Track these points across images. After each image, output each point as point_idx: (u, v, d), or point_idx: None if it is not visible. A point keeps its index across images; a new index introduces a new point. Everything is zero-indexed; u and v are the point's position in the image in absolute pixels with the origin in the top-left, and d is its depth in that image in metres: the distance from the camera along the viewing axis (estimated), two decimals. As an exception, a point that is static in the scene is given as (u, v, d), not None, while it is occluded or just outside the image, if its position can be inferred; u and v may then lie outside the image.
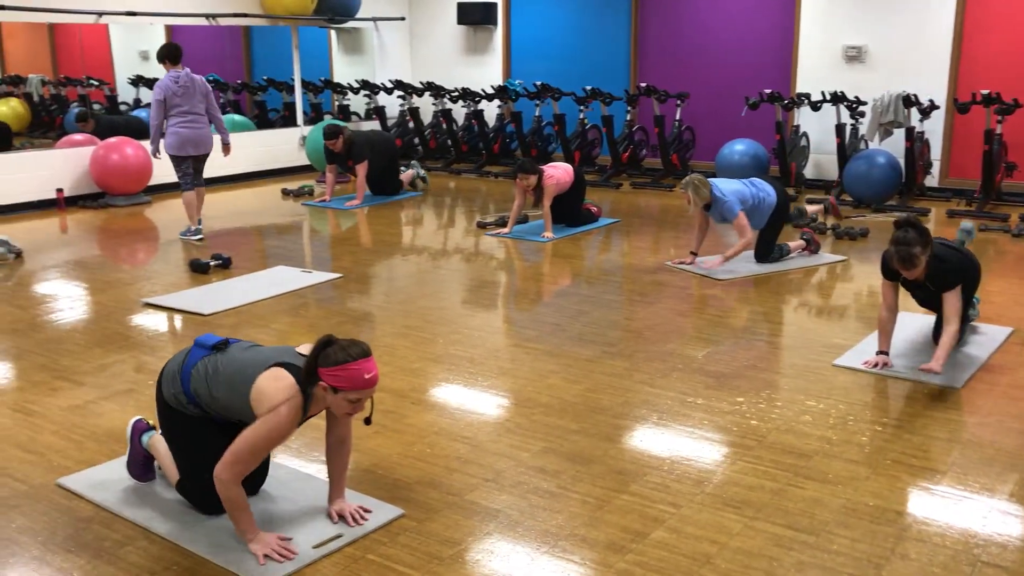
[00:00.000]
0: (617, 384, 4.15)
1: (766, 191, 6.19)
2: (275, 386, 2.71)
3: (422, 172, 9.62)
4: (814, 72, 9.49)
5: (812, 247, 6.46)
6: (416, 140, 11.61)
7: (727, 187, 6.12)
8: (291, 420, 2.71)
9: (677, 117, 10.05)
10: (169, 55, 7.30)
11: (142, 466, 3.20)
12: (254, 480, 3.05)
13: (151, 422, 3.26)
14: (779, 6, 9.80)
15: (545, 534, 2.88)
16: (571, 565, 2.71)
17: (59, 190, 8.70)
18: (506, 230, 7.41)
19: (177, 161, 7.27)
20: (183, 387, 2.89)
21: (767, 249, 6.26)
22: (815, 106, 8.93)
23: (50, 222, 8.15)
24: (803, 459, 3.39)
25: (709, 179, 6.16)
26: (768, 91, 9.05)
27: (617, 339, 4.83)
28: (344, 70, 12.30)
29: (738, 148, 9.19)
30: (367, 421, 2.85)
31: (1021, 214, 7.76)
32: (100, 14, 8.95)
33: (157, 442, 3.15)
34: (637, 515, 3.00)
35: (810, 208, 6.84)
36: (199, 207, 7.41)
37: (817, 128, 9.44)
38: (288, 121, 11.35)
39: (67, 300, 5.70)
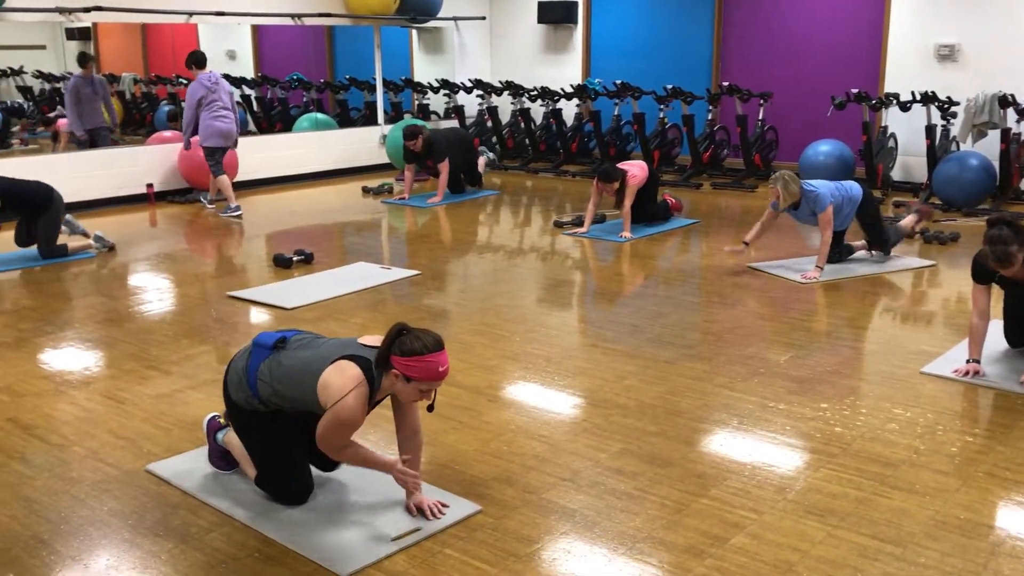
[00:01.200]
0: (696, 387, 4.10)
1: (850, 185, 6.13)
2: (341, 378, 2.76)
3: (491, 155, 9.67)
4: (904, 71, 9.22)
5: (926, 214, 6.50)
6: (494, 139, 11.65)
7: (816, 182, 6.07)
8: (359, 409, 2.76)
9: (760, 117, 9.87)
10: (197, 61, 8.18)
11: (221, 459, 3.29)
12: (297, 494, 3.06)
13: (223, 420, 3.33)
14: (868, 2, 9.55)
15: (622, 536, 2.86)
16: (649, 568, 2.69)
17: (149, 185, 8.97)
18: (583, 229, 7.39)
19: (211, 151, 8.23)
20: (252, 391, 2.95)
21: (883, 241, 6.25)
22: (904, 106, 8.68)
23: (140, 216, 8.42)
24: (889, 468, 3.30)
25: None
26: (855, 90, 8.82)
27: (696, 341, 4.76)
28: (424, 69, 12.42)
29: (823, 149, 8.99)
30: (430, 408, 2.87)
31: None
32: (191, 14, 9.20)
33: (232, 439, 3.23)
34: (717, 520, 2.95)
35: (904, 223, 6.54)
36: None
37: (906, 129, 9.17)
38: (369, 120, 11.52)
39: (156, 292, 5.88)
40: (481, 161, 9.59)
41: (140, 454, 3.47)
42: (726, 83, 9.74)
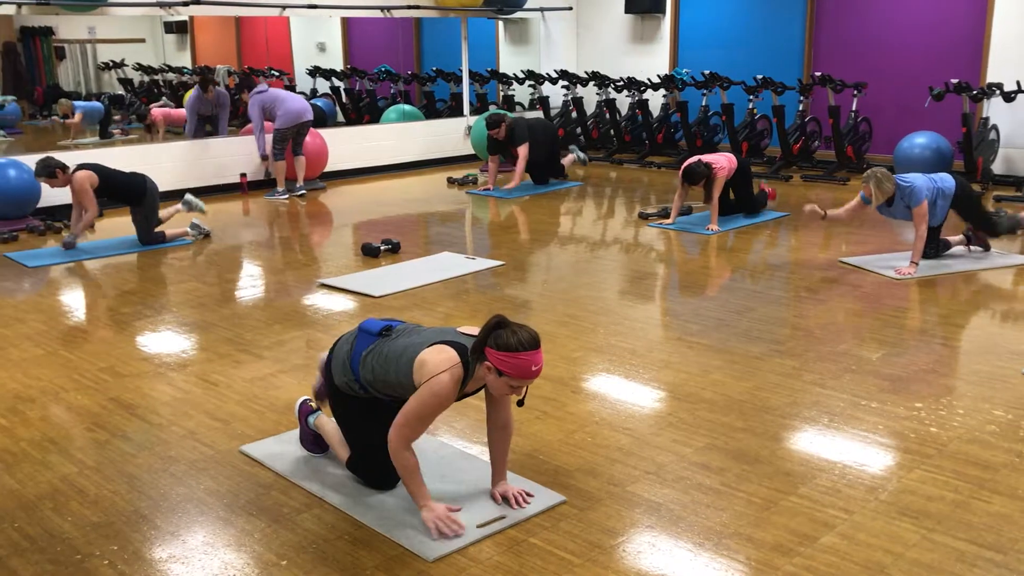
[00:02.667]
0: (785, 383, 4.02)
1: (944, 177, 5.93)
2: (438, 358, 2.78)
3: (582, 155, 9.60)
4: (1008, 60, 8.85)
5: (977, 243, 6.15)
6: (579, 130, 11.61)
7: (910, 176, 5.87)
8: (452, 387, 2.76)
9: (853, 108, 9.61)
10: (248, 84, 9.60)
11: (313, 442, 3.36)
12: (387, 479, 3.10)
13: (314, 404, 3.41)
14: (970, -10, 9.19)
15: (708, 531, 2.83)
16: (735, 564, 2.65)
17: (243, 175, 9.22)
18: (669, 220, 7.31)
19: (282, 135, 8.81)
20: (354, 375, 3.00)
21: (992, 226, 6.07)
22: (1008, 97, 8.34)
23: (234, 205, 8.65)
24: (989, 471, 3.18)
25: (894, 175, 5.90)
26: (955, 80, 8.52)
27: (786, 337, 4.68)
28: (510, 60, 12.44)
29: (919, 141, 8.71)
30: (520, 403, 2.86)
31: None
32: (284, 7, 9.40)
33: (323, 422, 3.30)
34: (806, 518, 2.90)
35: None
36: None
37: (1009, 120, 8.81)
38: (455, 111, 11.60)
39: (249, 279, 6.04)
40: (569, 158, 9.52)
41: (234, 435, 3.58)
42: (818, 73, 9.50)
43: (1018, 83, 8.32)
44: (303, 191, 9.03)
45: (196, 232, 7.07)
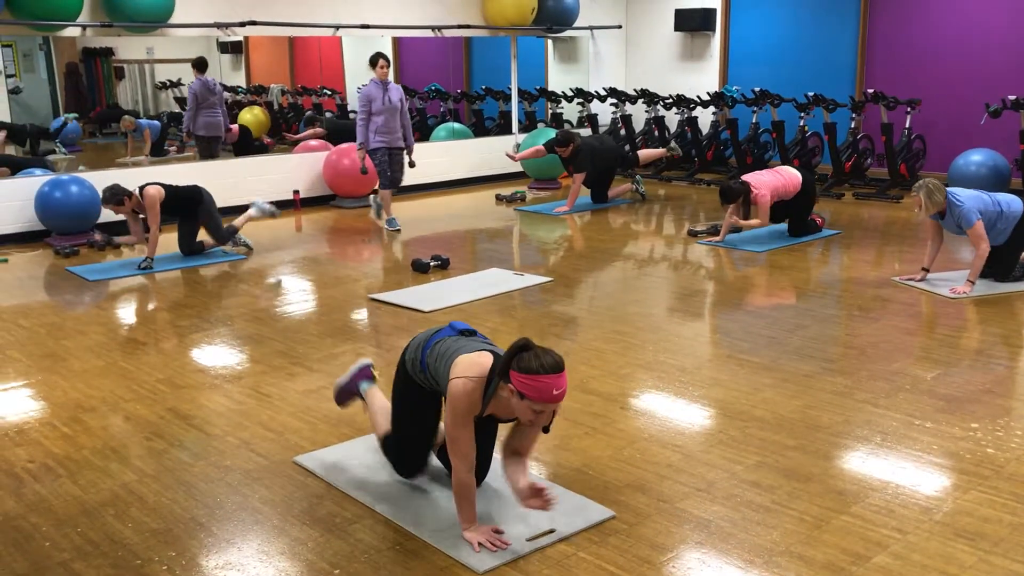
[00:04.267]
0: (837, 402, 3.98)
1: (1009, 199, 5.75)
2: (469, 362, 2.84)
3: (642, 188, 9.52)
4: (1067, 76, 8.69)
5: None
6: (627, 147, 11.62)
7: (964, 194, 5.72)
8: (466, 395, 2.78)
9: (907, 125, 9.49)
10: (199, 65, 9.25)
11: (346, 398, 3.56)
12: (413, 467, 3.25)
13: (377, 374, 3.54)
14: (1027, 5, 9.05)
15: (759, 549, 2.82)
16: (786, 583, 2.64)
17: (295, 192, 9.38)
18: (719, 238, 7.28)
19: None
20: (422, 354, 3.07)
21: (1009, 267, 5.80)
22: (1067, 113, 8.18)
23: (287, 221, 8.80)
24: (1048, 494, 3.12)
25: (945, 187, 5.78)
26: (1012, 97, 8.37)
27: (837, 355, 4.63)
28: (559, 78, 12.50)
29: (975, 159, 8.58)
30: (545, 430, 2.84)
31: None
32: (337, 27, 9.57)
33: (373, 394, 3.44)
34: (858, 537, 2.87)
35: None
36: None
37: (1068, 137, 8.63)
38: (503, 129, 11.67)
39: (302, 293, 6.14)
40: (624, 187, 9.48)
41: (288, 446, 3.65)
42: (871, 90, 9.41)
43: (1078, 99, 8.17)
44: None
45: (232, 242, 7.22)
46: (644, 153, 9.54)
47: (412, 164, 8.26)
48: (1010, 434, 3.61)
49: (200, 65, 9.50)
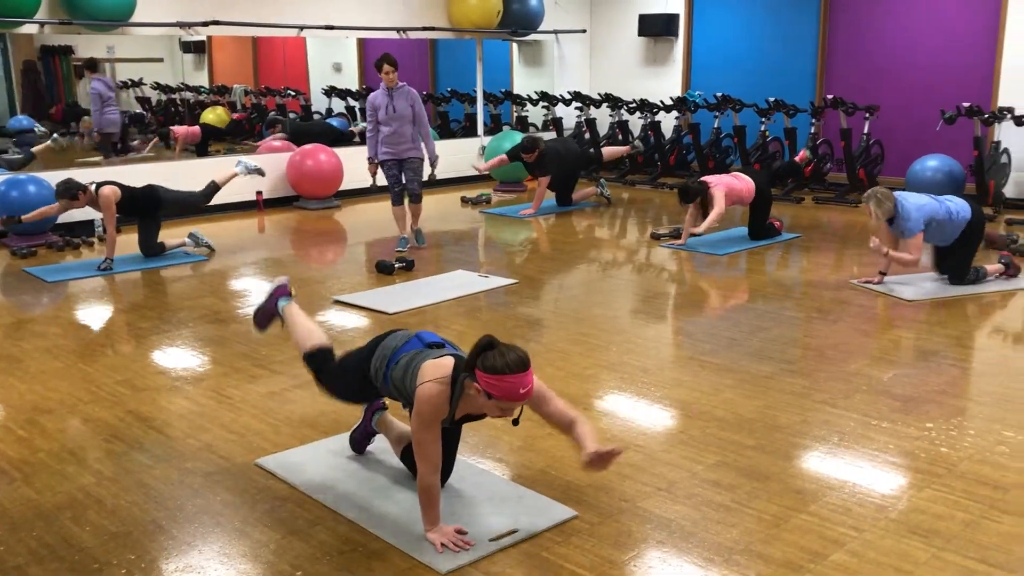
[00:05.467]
0: (796, 402, 4.04)
1: (959, 205, 5.86)
2: (432, 367, 2.85)
3: (606, 191, 9.58)
4: (1019, 84, 8.87)
5: (1011, 271, 6.05)
6: (592, 149, 11.67)
7: (914, 201, 5.81)
8: (433, 397, 2.79)
9: (865, 130, 9.64)
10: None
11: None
12: (442, 472, 3.15)
13: (294, 291, 3.62)
14: (982, 13, 9.23)
15: (719, 547, 2.86)
16: (745, 580, 2.68)
17: (258, 193, 9.31)
18: (681, 241, 7.35)
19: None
20: (387, 367, 3.07)
21: (962, 270, 5.92)
22: (1019, 121, 8.36)
23: (250, 222, 8.74)
24: (999, 491, 3.20)
25: (896, 192, 5.89)
26: (966, 104, 8.55)
27: (796, 357, 4.70)
28: (524, 82, 12.54)
29: (931, 164, 8.73)
30: (515, 422, 2.87)
31: None
32: (301, 28, 9.52)
33: (292, 311, 3.59)
34: (816, 535, 2.92)
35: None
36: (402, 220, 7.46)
37: (1020, 144, 8.82)
38: (469, 132, 11.68)
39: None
40: (590, 191, 9.53)
41: (249, 448, 3.63)
42: (830, 96, 9.55)
43: (1030, 107, 8.35)
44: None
45: (192, 243, 7.16)
46: (608, 150, 9.62)
47: (432, 177, 7.49)
48: (963, 433, 3.69)
49: (93, 66, 9.62)
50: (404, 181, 7.28)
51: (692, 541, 2.89)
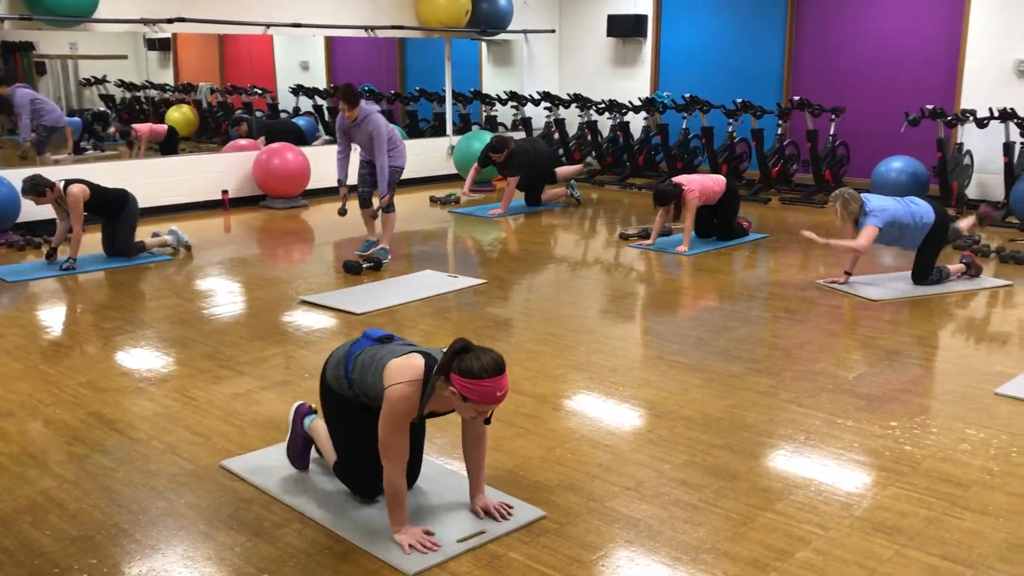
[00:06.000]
0: (763, 402, 4.07)
1: (923, 209, 5.94)
2: (402, 366, 2.80)
3: (576, 192, 9.58)
4: (981, 87, 9.02)
5: (973, 271, 6.14)
6: (561, 151, 11.70)
7: (878, 203, 5.89)
8: (405, 400, 2.75)
9: (831, 132, 9.75)
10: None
11: (300, 451, 3.37)
12: (371, 487, 3.12)
13: (313, 406, 3.42)
14: (945, 17, 9.37)
15: (686, 546, 2.87)
16: (713, 579, 2.69)
17: (224, 192, 9.22)
18: (649, 241, 7.38)
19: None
20: (345, 370, 3.03)
21: (925, 271, 6.00)
22: (981, 123, 8.49)
23: (215, 222, 8.65)
24: (961, 489, 3.24)
25: (861, 194, 5.96)
26: (930, 106, 8.67)
27: (763, 356, 4.73)
28: (493, 82, 12.53)
29: (895, 165, 8.85)
30: (487, 421, 2.88)
31: None
32: (268, 26, 9.44)
33: (318, 426, 3.31)
34: (782, 534, 2.94)
35: (961, 224, 6.41)
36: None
37: (982, 146, 8.96)
38: (438, 131, 11.65)
39: (230, 295, 6.04)
40: (559, 191, 9.50)
41: (215, 450, 3.58)
42: (797, 97, 9.64)
43: (991, 110, 8.48)
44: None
45: (175, 240, 7.08)
46: (561, 171, 9.45)
47: (374, 215, 7.03)
48: (926, 431, 3.74)
49: (9, 80, 9.34)
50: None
51: (659, 540, 2.90)
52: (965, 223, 6.42)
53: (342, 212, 7.09)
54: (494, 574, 2.72)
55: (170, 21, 8.67)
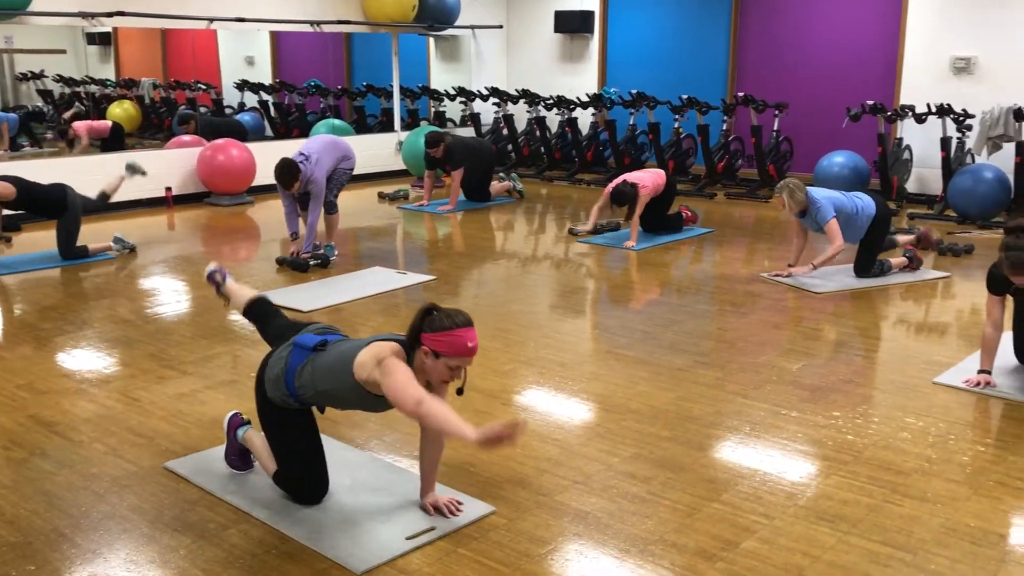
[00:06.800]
0: (709, 394, 4.12)
1: (865, 202, 6.06)
2: (375, 349, 2.77)
3: (519, 185, 9.61)
4: (919, 83, 9.23)
5: (914, 264, 6.28)
6: (510, 147, 11.70)
7: (822, 195, 6.02)
8: (395, 355, 2.72)
9: (775, 127, 9.89)
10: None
11: (239, 457, 3.33)
12: (314, 491, 3.07)
13: (245, 416, 3.38)
14: (884, 16, 9.57)
15: (634, 538, 2.89)
16: (660, 570, 2.71)
17: (168, 189, 9.06)
18: (587, 227, 7.45)
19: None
20: (288, 389, 2.98)
21: (867, 264, 6.12)
22: (920, 118, 8.69)
23: (159, 219, 8.50)
24: (901, 476, 3.31)
25: (805, 187, 6.07)
26: (870, 102, 8.84)
27: (709, 349, 4.79)
28: (441, 77, 12.49)
29: (837, 160, 9.01)
30: (459, 391, 2.88)
31: None
32: (211, 20, 9.30)
33: (252, 436, 3.26)
34: (728, 524, 2.98)
35: (900, 239, 6.56)
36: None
37: (921, 141, 9.17)
38: (385, 127, 11.59)
39: (174, 294, 5.94)
40: (502, 185, 9.52)
41: (159, 452, 3.52)
42: (741, 94, 9.76)
43: (928, 105, 8.68)
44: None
45: (120, 247, 6.93)
46: (494, 187, 9.45)
47: (294, 254, 6.60)
48: (868, 421, 3.81)
49: None
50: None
51: (608, 533, 2.92)
52: (904, 238, 6.54)
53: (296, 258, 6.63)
54: (444, 571, 2.72)
55: (110, 15, 8.49)
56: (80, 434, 3.69)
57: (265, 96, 12.51)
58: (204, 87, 12.20)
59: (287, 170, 6.36)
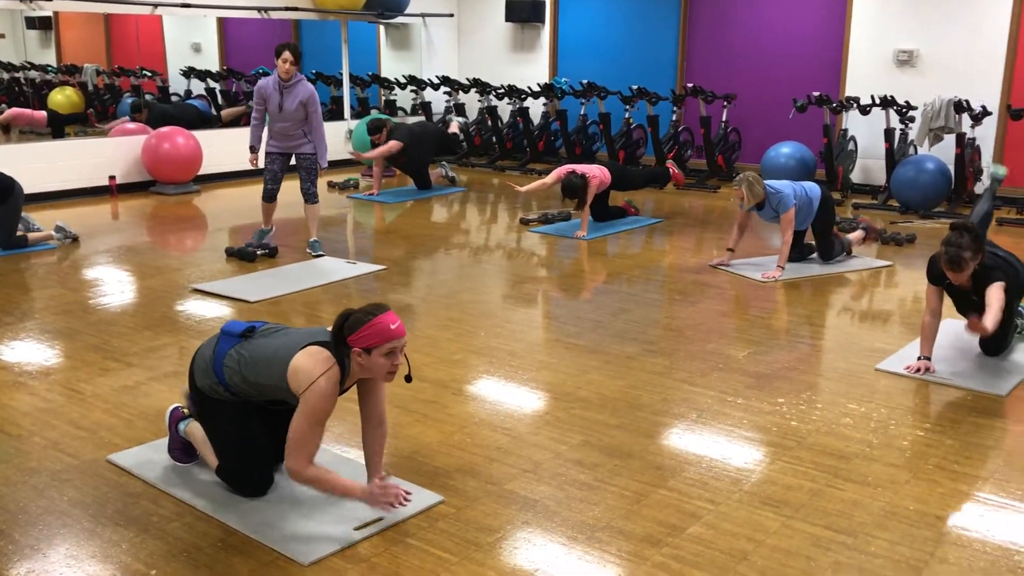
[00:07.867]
0: (657, 382, 4.16)
1: (809, 187, 6.22)
2: (311, 362, 2.78)
3: (450, 173, 9.61)
4: (864, 76, 9.38)
5: (873, 235, 6.54)
6: (461, 137, 11.65)
7: (780, 184, 6.15)
8: (331, 391, 2.78)
9: (724, 118, 9.99)
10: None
11: (182, 451, 3.29)
12: (255, 485, 3.06)
13: (186, 410, 3.33)
14: (829, 9, 9.70)
15: (582, 525, 2.91)
16: (607, 556, 2.74)
17: (111, 177, 8.88)
18: (522, 189, 7.52)
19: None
20: (218, 378, 2.96)
21: (828, 248, 6.27)
22: (864, 110, 8.83)
23: (102, 208, 8.33)
24: (843, 461, 3.38)
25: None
26: (816, 94, 8.97)
27: (658, 337, 4.83)
28: (392, 65, 12.39)
29: (784, 151, 9.12)
30: (408, 378, 2.89)
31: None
32: (156, 5, 9.12)
33: (194, 429, 3.22)
34: (674, 510, 3.01)
35: (851, 236, 6.65)
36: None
37: (866, 132, 9.33)
38: (335, 115, 11.47)
39: (118, 284, 5.83)
40: (436, 172, 9.52)
41: (101, 444, 3.46)
42: (690, 84, 9.84)
43: (872, 97, 8.83)
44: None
45: (62, 236, 6.78)
46: (432, 174, 9.44)
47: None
48: (812, 407, 3.88)
49: None
50: (299, 181, 6.64)
51: (556, 520, 2.94)
52: (855, 235, 6.63)
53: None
54: (391, 560, 2.71)
55: (49, -1, 8.28)
56: (19, 428, 3.61)
57: (212, 84, 12.32)
58: (150, 74, 11.96)
59: (295, 46, 6.27)
